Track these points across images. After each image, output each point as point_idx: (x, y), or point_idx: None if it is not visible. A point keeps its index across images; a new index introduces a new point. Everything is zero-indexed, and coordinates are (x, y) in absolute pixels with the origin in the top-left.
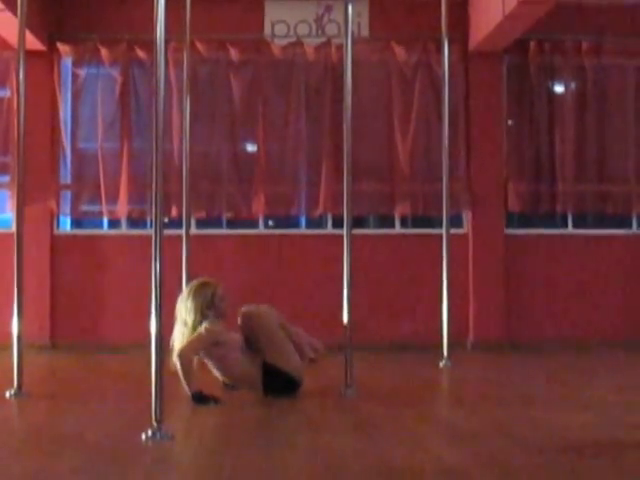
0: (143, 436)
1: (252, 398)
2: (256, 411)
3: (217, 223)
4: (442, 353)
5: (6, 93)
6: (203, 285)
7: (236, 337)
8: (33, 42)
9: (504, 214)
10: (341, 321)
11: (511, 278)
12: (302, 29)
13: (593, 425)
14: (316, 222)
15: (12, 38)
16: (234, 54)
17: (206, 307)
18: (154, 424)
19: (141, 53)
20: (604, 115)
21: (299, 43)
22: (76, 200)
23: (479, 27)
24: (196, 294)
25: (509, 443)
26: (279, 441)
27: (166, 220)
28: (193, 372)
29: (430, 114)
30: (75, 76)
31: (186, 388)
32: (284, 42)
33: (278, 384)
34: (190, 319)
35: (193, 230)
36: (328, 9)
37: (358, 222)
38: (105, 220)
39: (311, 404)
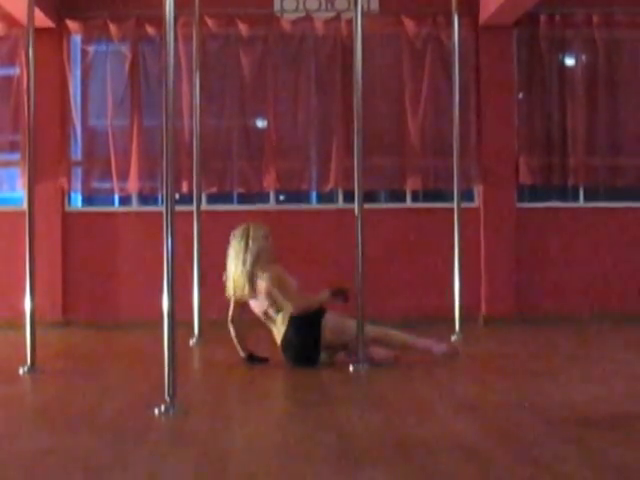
0: (156, 411)
1: (265, 372)
2: (268, 385)
3: (228, 199)
4: (454, 327)
5: (15, 71)
6: (259, 227)
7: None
8: (42, 19)
9: (515, 188)
10: (353, 295)
11: (522, 252)
12: (311, 4)
13: (604, 398)
14: (327, 197)
15: (21, 16)
16: (244, 29)
17: (262, 250)
18: (167, 399)
19: (150, 29)
20: (615, 88)
21: (309, 18)
22: (87, 177)
23: (489, 0)
24: (254, 235)
25: (522, 416)
26: (292, 414)
27: (177, 196)
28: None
29: (440, 88)
30: (84, 53)
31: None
32: (293, 17)
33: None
34: (250, 259)
35: (204, 206)
36: None
37: (369, 197)
38: (116, 197)
39: (323, 378)
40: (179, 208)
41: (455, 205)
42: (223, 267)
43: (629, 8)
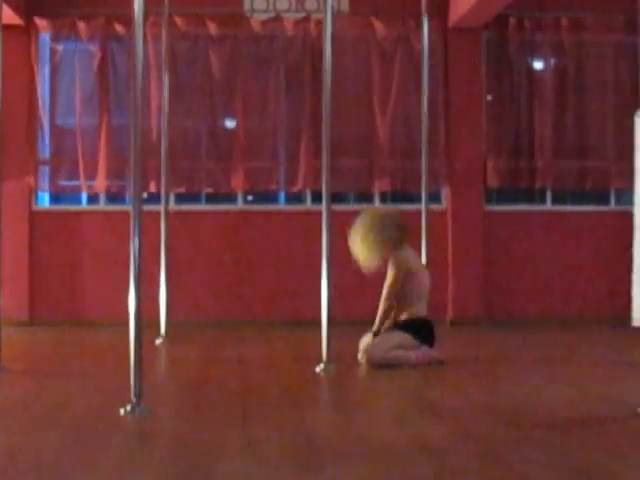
0: (122, 411)
1: (231, 372)
2: (234, 386)
3: (196, 198)
4: None
5: None
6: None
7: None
8: (11, 17)
9: (483, 190)
10: (320, 296)
11: (490, 254)
12: (281, 4)
13: (574, 401)
14: (295, 197)
15: None
16: (213, 29)
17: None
18: (133, 399)
19: (119, 28)
20: (583, 91)
21: (278, 18)
22: (54, 175)
23: (459, 3)
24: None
25: (489, 419)
26: (257, 416)
27: (145, 195)
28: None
29: (409, 90)
30: (53, 51)
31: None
32: (263, 17)
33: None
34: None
35: (172, 205)
36: None
37: (337, 198)
38: (84, 195)
39: (290, 380)
40: (147, 207)
41: (423, 207)
42: (189, 266)
43: (597, 12)
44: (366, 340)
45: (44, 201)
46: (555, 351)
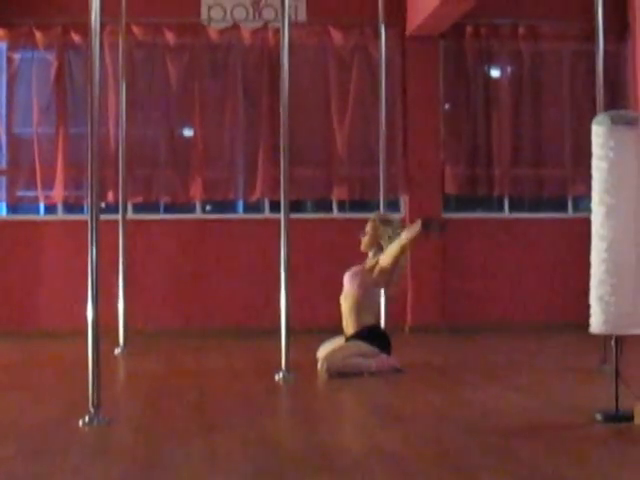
0: (80, 422)
1: (191, 382)
2: (194, 396)
3: (154, 208)
4: None
5: None
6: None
7: None
8: None
9: (441, 198)
10: (278, 305)
11: (448, 262)
12: (239, 13)
13: (527, 407)
14: (254, 206)
15: None
16: (170, 38)
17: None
18: (91, 410)
19: (76, 37)
20: (540, 99)
21: (236, 27)
22: (11, 185)
23: (416, 12)
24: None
25: (444, 425)
26: (216, 424)
27: (103, 205)
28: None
29: (367, 98)
30: (10, 60)
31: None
32: (221, 26)
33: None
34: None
35: (130, 215)
36: None
37: (296, 206)
38: (41, 205)
39: (248, 388)
40: (104, 217)
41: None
42: (148, 275)
43: (554, 21)
44: (324, 349)
45: (1, 211)
46: (514, 358)
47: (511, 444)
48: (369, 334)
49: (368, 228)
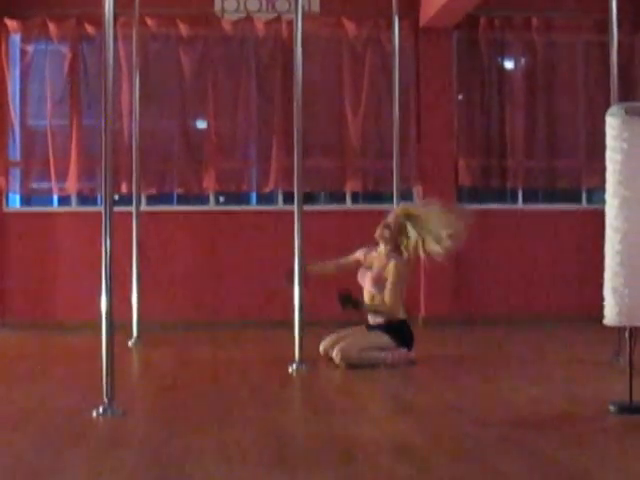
0: (94, 413)
1: (204, 374)
2: (207, 388)
3: (168, 199)
4: None
5: None
6: None
7: None
8: None
9: (455, 189)
10: (291, 296)
11: (461, 253)
12: (252, 4)
13: (542, 399)
14: (267, 198)
15: None
16: (184, 30)
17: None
18: (105, 401)
19: (90, 29)
20: (554, 91)
21: (249, 19)
22: (25, 177)
23: (429, 3)
24: None
25: (460, 418)
26: (229, 416)
27: (116, 197)
28: None
29: (381, 90)
30: (23, 52)
31: None
32: (234, 17)
33: None
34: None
35: (143, 207)
36: None
37: (309, 198)
38: (55, 197)
39: (261, 379)
40: (118, 209)
41: (395, 206)
42: (162, 267)
43: (567, 12)
44: (329, 341)
45: (15, 203)
46: (527, 349)
47: (526, 436)
48: (398, 329)
49: (390, 222)
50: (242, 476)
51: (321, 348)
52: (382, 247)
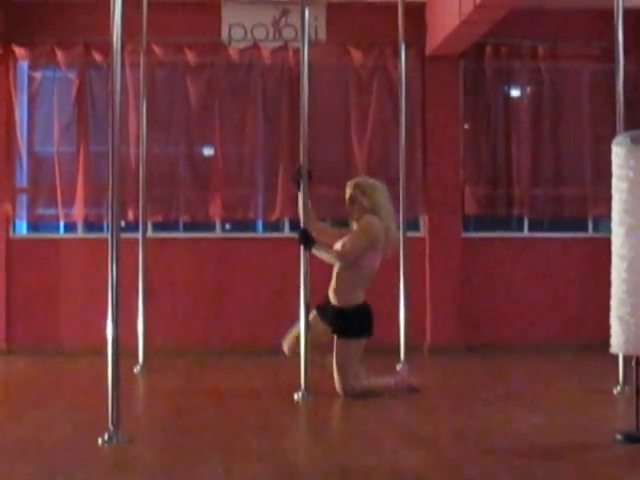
0: (100, 440)
1: (208, 401)
2: (213, 415)
3: (174, 227)
4: (399, 356)
5: None
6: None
7: None
8: None
9: (461, 218)
10: (297, 323)
11: (468, 281)
12: (259, 33)
13: (548, 427)
14: (273, 226)
15: None
16: (191, 57)
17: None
18: (111, 428)
19: (97, 56)
20: (560, 119)
21: (256, 47)
22: (32, 204)
23: (436, 31)
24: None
25: (464, 446)
26: (235, 444)
27: (122, 224)
28: None
29: (387, 118)
30: (31, 79)
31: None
32: (241, 45)
33: None
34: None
35: (150, 234)
36: (285, 13)
37: None
38: (61, 224)
39: (267, 407)
40: (124, 235)
41: (401, 235)
42: (167, 294)
43: (574, 41)
44: (296, 329)
45: (22, 229)
46: (533, 378)
47: (533, 465)
48: (343, 315)
49: (347, 197)
50: None
51: (285, 348)
52: (354, 223)
